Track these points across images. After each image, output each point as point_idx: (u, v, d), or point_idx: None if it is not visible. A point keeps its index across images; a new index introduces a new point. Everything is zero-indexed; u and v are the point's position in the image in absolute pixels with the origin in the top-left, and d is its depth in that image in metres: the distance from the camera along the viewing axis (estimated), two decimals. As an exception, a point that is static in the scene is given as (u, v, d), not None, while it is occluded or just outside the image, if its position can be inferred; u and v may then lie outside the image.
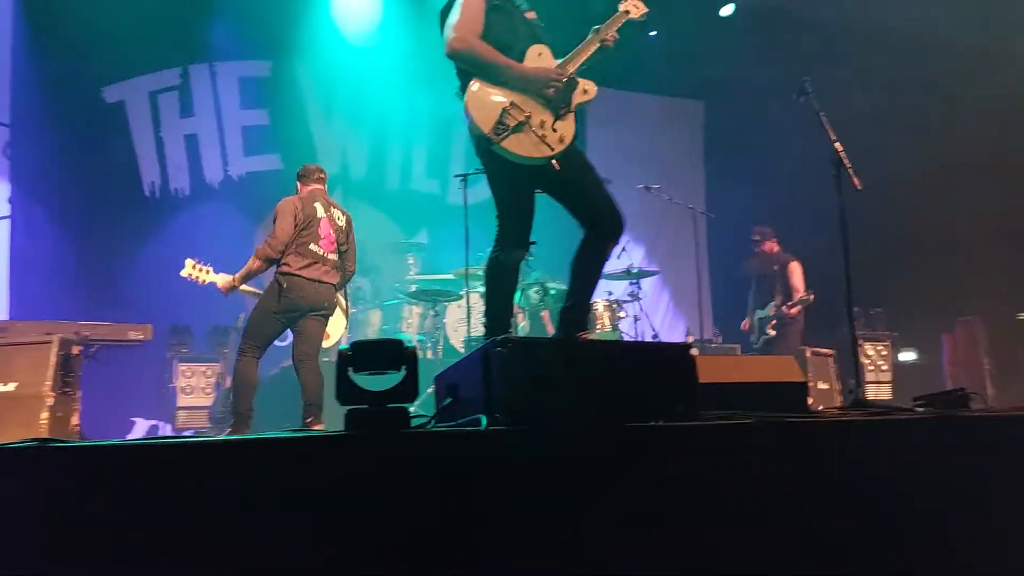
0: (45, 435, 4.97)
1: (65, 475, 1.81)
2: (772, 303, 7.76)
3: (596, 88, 3.59)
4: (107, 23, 7.42)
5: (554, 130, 3.45)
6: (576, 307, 3.64)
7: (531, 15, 3.78)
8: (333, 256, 5.47)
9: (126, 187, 8.10)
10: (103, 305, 6.89)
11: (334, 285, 5.46)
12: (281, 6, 8.42)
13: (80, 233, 7.52)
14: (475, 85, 3.45)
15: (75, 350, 5.64)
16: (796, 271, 7.79)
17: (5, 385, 5.23)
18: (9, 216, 7.53)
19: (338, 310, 5.76)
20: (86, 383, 5.83)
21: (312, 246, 5.35)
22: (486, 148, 3.43)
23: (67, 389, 5.44)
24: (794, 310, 7.54)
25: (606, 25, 3.72)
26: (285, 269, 5.25)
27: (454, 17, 3.54)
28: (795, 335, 7.64)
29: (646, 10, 3.88)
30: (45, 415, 5.16)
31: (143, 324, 6.39)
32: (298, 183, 5.77)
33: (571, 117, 3.53)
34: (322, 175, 5.76)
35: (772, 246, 7.95)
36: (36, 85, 7.57)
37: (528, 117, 3.40)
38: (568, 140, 3.47)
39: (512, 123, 3.37)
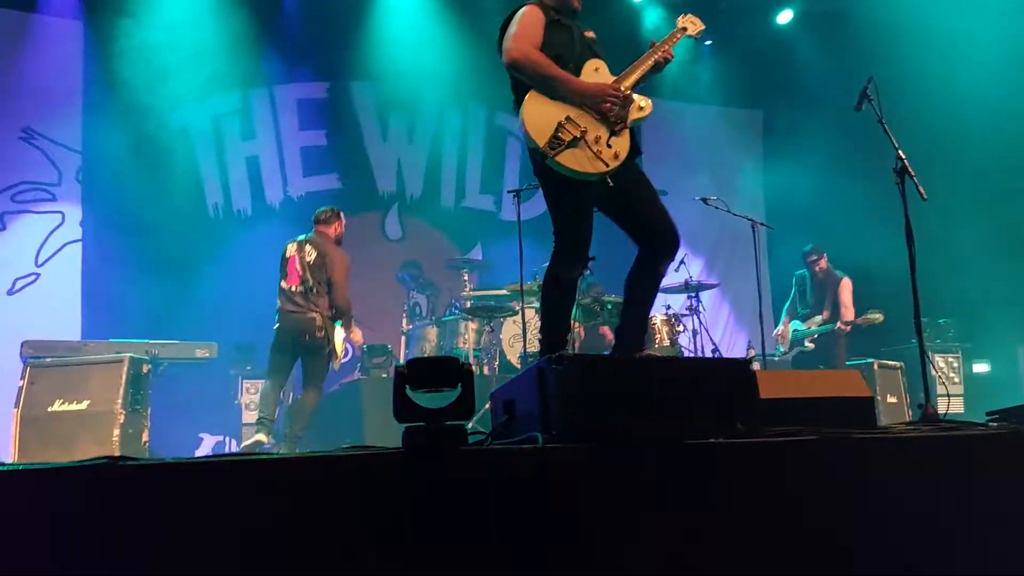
0: (117, 452, 5.13)
1: (136, 493, 1.85)
2: (816, 317, 7.58)
3: (651, 105, 3.56)
4: (171, 52, 7.70)
5: (609, 146, 3.42)
6: (632, 327, 3.60)
7: (590, 34, 3.79)
8: (299, 288, 6.08)
9: (191, 208, 8.33)
10: (170, 323, 7.08)
11: (312, 317, 6.02)
12: (335, 30, 8.57)
13: (148, 253, 7.75)
14: (531, 98, 3.45)
15: (145, 368, 5.81)
16: (847, 288, 7.60)
17: (79, 403, 5.42)
18: (80, 239, 7.82)
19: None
20: (155, 400, 6.01)
21: (282, 283, 6.15)
22: (541, 162, 3.43)
23: (137, 406, 5.61)
24: (849, 328, 7.36)
25: (663, 41, 3.71)
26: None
27: (513, 29, 3.56)
28: (841, 351, 7.45)
29: (703, 27, 3.88)
30: (117, 432, 5.33)
31: (209, 342, 6.57)
32: None
33: (627, 133, 3.51)
34: (320, 217, 6.41)
35: (823, 263, 7.78)
36: (105, 113, 7.84)
37: (583, 132, 3.39)
38: (623, 156, 3.45)
39: (567, 138, 3.37)
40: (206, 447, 7.54)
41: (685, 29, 3.84)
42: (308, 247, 6.22)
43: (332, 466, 2.01)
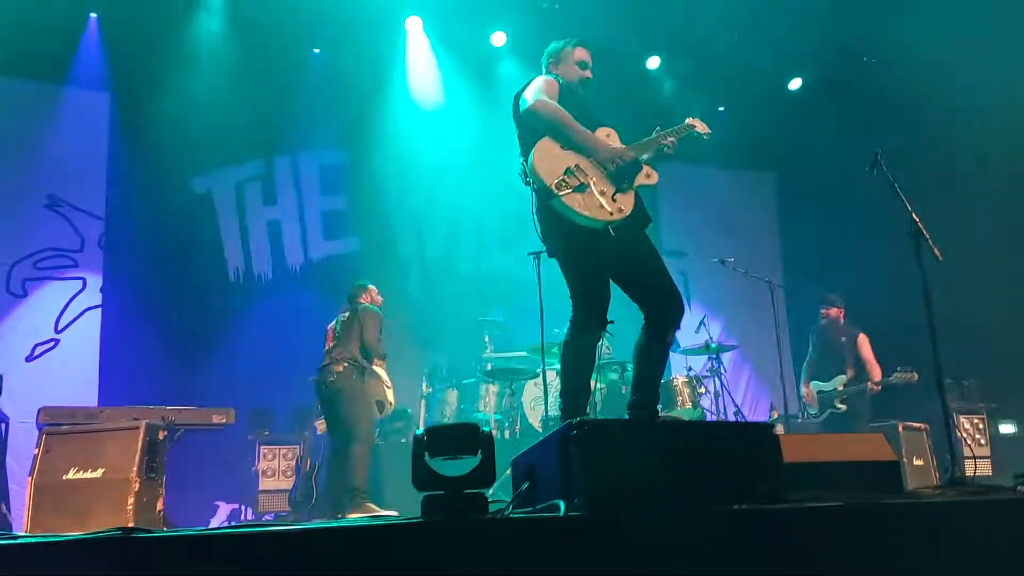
0: (131, 521, 5.08)
1: (148, 565, 1.83)
2: (840, 376, 7.45)
3: (658, 176, 3.66)
4: (196, 119, 7.84)
5: (614, 199, 3.49)
6: (643, 402, 3.56)
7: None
8: (330, 346, 6.24)
9: (211, 273, 8.41)
10: (188, 388, 7.09)
11: (331, 367, 6.06)
12: (358, 97, 8.74)
13: (167, 318, 7.81)
14: (543, 143, 3.56)
15: (161, 435, 5.77)
16: (866, 343, 7.49)
17: (94, 472, 5.38)
18: (100, 305, 7.89)
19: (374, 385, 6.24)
20: (170, 467, 5.96)
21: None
22: (546, 204, 3.46)
23: (152, 474, 5.56)
24: (879, 386, 7.23)
25: (669, 132, 3.82)
26: None
27: (533, 87, 3.72)
28: (865, 411, 7.32)
29: (709, 131, 4.01)
30: (131, 501, 5.27)
31: (226, 408, 6.54)
32: None
33: (632, 193, 3.58)
34: (352, 293, 6.60)
35: (839, 314, 7.69)
36: (129, 179, 8.01)
37: (592, 182, 3.46)
38: (627, 211, 3.51)
39: (575, 183, 3.45)
40: (222, 515, 7.47)
41: (694, 127, 3.97)
42: (344, 313, 6.40)
43: (348, 537, 1.98)
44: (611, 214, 3.44)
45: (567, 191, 3.42)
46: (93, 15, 7.92)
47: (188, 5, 7.82)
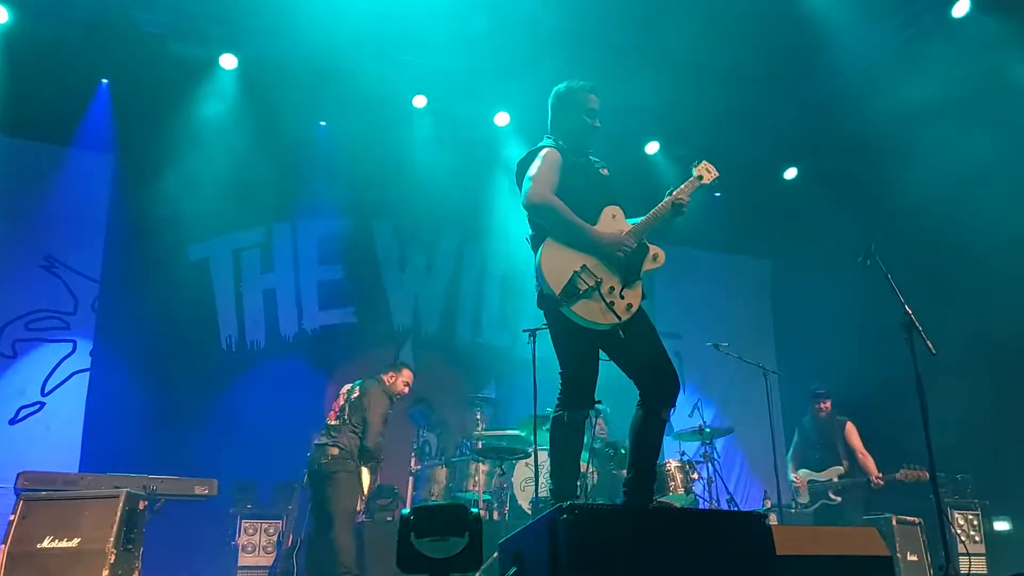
0: (105, 594, 4.92)
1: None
2: (835, 467, 7.40)
3: (664, 255, 3.66)
4: (198, 185, 7.91)
5: (622, 297, 3.48)
6: (639, 479, 3.48)
7: (605, 172, 3.90)
8: (333, 422, 6.16)
9: (204, 340, 8.36)
10: (172, 457, 6.96)
11: (328, 447, 5.99)
12: (360, 166, 8.80)
13: (155, 385, 7.72)
14: (548, 245, 3.51)
15: (141, 505, 5.66)
16: (854, 433, 7.49)
17: (70, 541, 5.23)
18: (89, 369, 7.82)
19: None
20: (149, 538, 5.81)
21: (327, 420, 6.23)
22: (554, 308, 3.46)
23: (130, 546, 5.42)
24: (882, 481, 7.17)
25: (679, 189, 3.81)
26: None
27: (532, 171, 3.64)
28: (859, 503, 7.24)
29: (717, 174, 4.01)
30: (106, 573, 5.12)
31: (209, 479, 6.42)
32: None
33: (639, 284, 3.57)
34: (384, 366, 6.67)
35: (827, 405, 7.69)
36: (127, 242, 8.03)
37: (599, 282, 3.44)
38: (635, 307, 3.50)
39: (583, 288, 3.41)
40: (199, 591, 7.25)
41: (701, 177, 3.96)
42: (359, 387, 6.32)
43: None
44: (618, 316, 3.43)
45: (575, 299, 3.40)
46: (104, 80, 8.06)
47: (198, 74, 7.96)
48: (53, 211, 7.91)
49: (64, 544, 5.21)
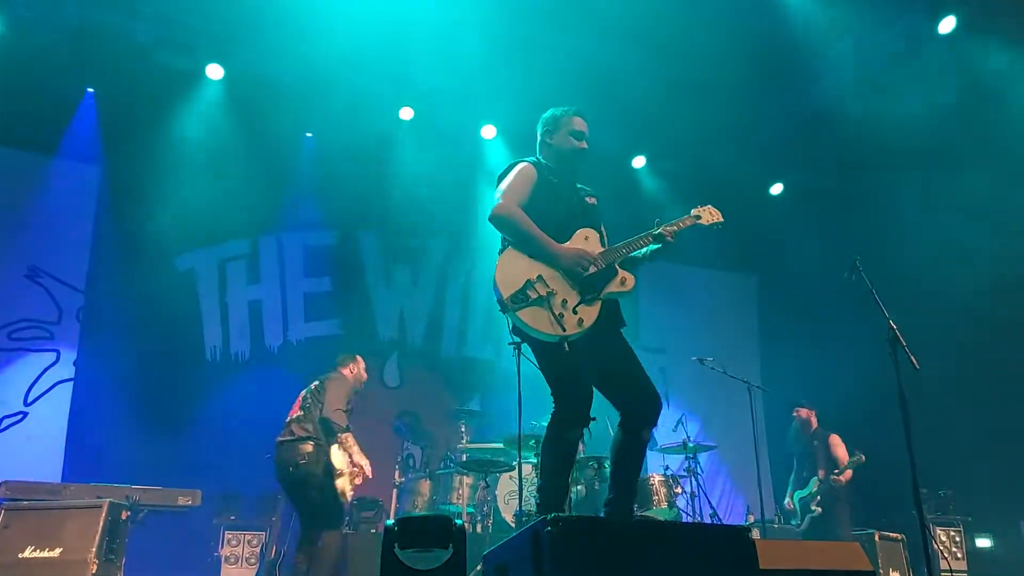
0: (85, 605, 4.88)
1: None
2: (814, 479, 7.41)
3: (634, 281, 3.60)
4: (184, 195, 7.93)
5: (575, 312, 3.44)
6: (620, 498, 3.51)
7: (592, 200, 3.88)
8: (297, 414, 5.79)
9: (188, 350, 8.33)
10: (155, 468, 6.90)
11: (298, 444, 5.60)
12: (346, 179, 8.82)
13: (139, 395, 7.68)
14: (508, 253, 3.54)
15: (124, 515, 5.62)
16: (837, 442, 7.45)
17: (51, 551, 5.20)
18: (72, 379, 7.77)
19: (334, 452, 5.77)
20: (131, 549, 5.77)
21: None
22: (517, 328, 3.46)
23: (112, 556, 5.38)
24: (844, 476, 7.17)
25: (671, 224, 3.77)
26: None
27: (504, 184, 3.69)
28: (844, 514, 7.22)
29: (720, 219, 3.95)
30: (88, 582, 5.08)
31: (192, 489, 6.38)
32: None
33: (598, 304, 3.51)
34: (338, 361, 6.31)
35: (810, 415, 7.68)
36: (113, 252, 8.02)
37: (550, 293, 3.43)
38: (588, 324, 3.44)
39: (533, 296, 3.41)
40: (180, 602, 7.18)
41: (699, 218, 3.89)
42: (318, 380, 6.03)
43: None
44: (563, 330, 3.37)
45: (522, 305, 3.39)
46: (90, 89, 8.05)
47: (184, 84, 7.96)
48: (38, 220, 7.88)
49: (46, 554, 5.17)
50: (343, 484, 5.65)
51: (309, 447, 5.58)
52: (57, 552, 5.21)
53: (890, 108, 7.74)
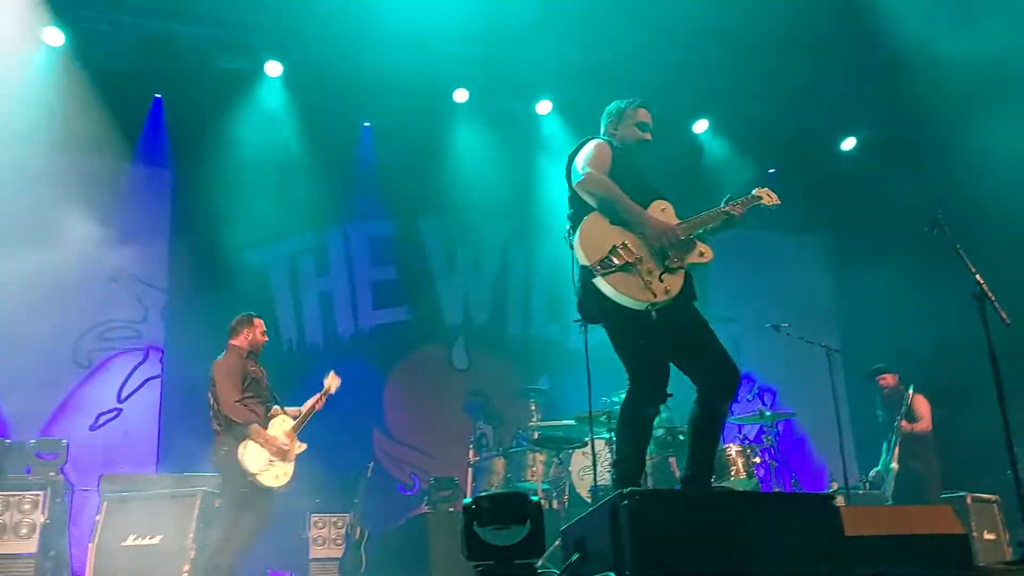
0: (186, 589, 5.09)
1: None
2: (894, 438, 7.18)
3: (713, 254, 3.62)
4: (252, 195, 8.12)
5: (661, 280, 3.40)
6: (697, 473, 3.47)
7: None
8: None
9: (267, 343, 8.53)
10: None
11: (214, 434, 5.41)
12: (405, 168, 8.91)
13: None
14: (592, 217, 3.49)
15: (217, 502, 5.82)
16: (921, 401, 7.21)
17: (152, 539, 5.44)
18: (160, 375, 8.07)
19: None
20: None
21: None
22: (594, 303, 3.42)
23: (208, 542, 5.58)
24: (922, 425, 6.90)
25: (738, 202, 3.82)
26: None
27: (585, 155, 3.67)
28: (932, 477, 6.96)
29: (778, 201, 4.01)
30: (187, 568, 5.31)
31: (279, 474, 6.53)
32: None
33: (681, 273, 3.50)
34: (229, 329, 6.06)
35: (894, 380, 7.42)
36: (189, 253, 8.29)
37: (638, 260, 3.39)
38: (674, 293, 3.42)
39: (620, 262, 3.36)
40: (274, 583, 7.42)
41: (760, 199, 3.96)
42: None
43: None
44: (654, 296, 3.34)
45: (611, 270, 3.34)
46: (157, 95, 8.28)
47: (244, 83, 8.12)
48: (119, 226, 8.13)
49: (147, 542, 5.42)
50: (268, 480, 5.40)
51: (222, 451, 5.34)
52: (158, 539, 5.47)
53: (968, 50, 7.32)
